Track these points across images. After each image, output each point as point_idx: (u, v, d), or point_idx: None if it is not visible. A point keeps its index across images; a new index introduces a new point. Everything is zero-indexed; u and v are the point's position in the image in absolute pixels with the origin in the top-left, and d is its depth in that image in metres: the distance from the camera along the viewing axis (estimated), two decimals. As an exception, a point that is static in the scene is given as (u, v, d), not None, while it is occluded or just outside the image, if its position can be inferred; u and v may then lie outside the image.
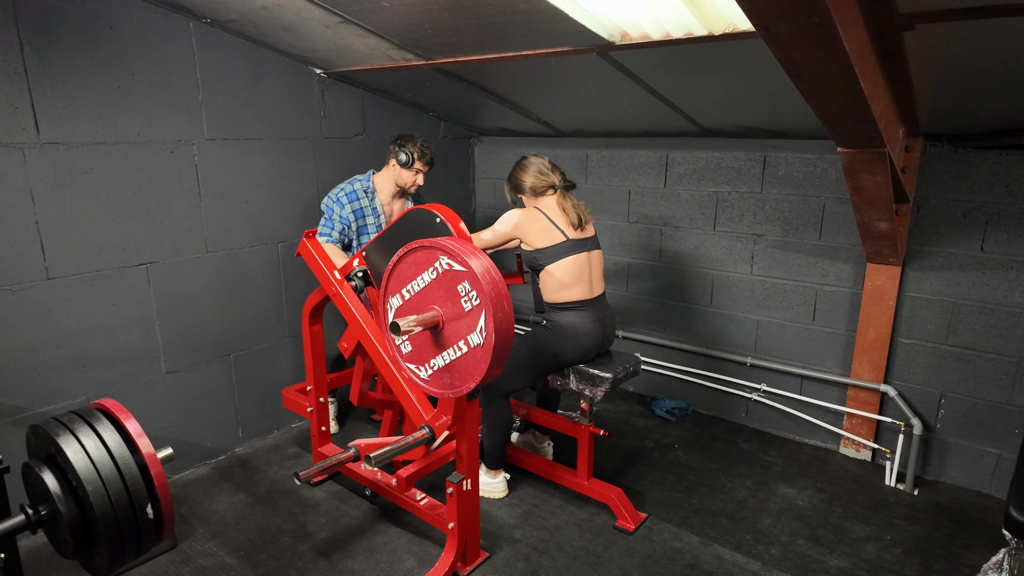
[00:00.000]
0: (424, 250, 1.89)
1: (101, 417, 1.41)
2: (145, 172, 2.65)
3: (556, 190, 2.61)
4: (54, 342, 2.49)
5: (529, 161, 2.65)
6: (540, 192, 2.62)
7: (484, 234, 2.61)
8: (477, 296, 1.79)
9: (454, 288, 1.84)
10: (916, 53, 1.78)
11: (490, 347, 1.77)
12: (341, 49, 2.81)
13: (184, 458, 2.97)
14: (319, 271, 2.52)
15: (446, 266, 1.85)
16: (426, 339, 1.95)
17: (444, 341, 1.89)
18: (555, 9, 1.97)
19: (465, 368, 1.86)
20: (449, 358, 1.90)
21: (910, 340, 2.95)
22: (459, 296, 1.83)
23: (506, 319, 1.80)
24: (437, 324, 1.88)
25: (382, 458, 1.98)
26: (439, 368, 1.93)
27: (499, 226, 2.60)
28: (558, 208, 2.59)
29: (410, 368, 2.01)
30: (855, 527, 2.61)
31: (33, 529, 1.40)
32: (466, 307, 1.82)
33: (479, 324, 1.80)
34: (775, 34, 1.32)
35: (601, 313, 2.64)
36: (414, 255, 1.92)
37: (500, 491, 2.79)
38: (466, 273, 1.80)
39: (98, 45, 2.43)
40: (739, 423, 3.54)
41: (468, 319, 1.82)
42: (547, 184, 2.61)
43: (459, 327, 1.85)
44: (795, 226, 3.17)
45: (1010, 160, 2.59)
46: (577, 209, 2.60)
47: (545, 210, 2.58)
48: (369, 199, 3.08)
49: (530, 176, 2.62)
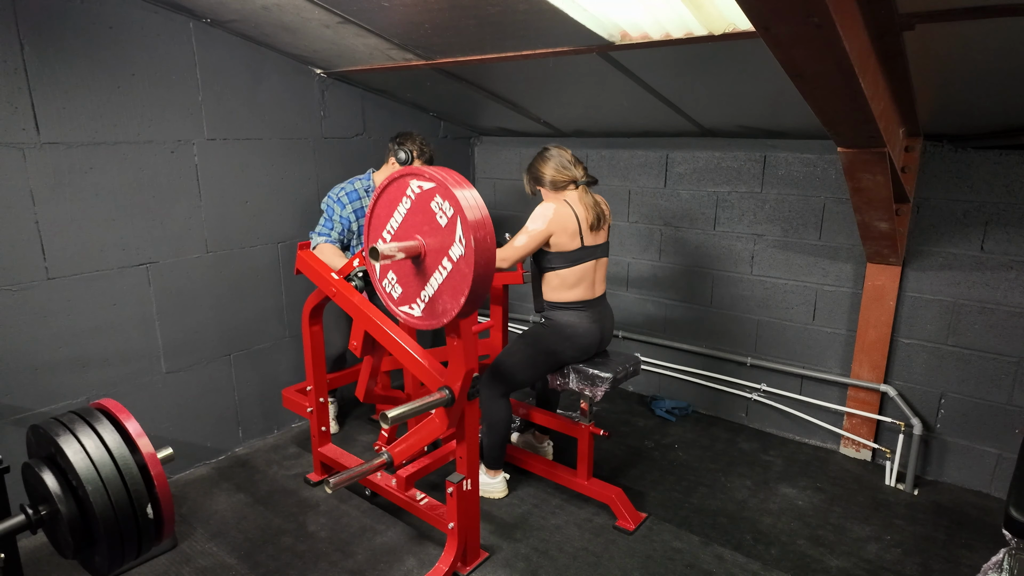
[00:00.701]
0: (394, 183, 1.89)
1: (101, 417, 1.41)
2: (145, 172, 2.65)
3: (578, 186, 2.51)
4: (54, 342, 2.49)
5: (551, 153, 2.52)
6: (561, 187, 2.50)
7: (518, 240, 2.44)
8: (450, 205, 1.76)
9: (428, 207, 1.82)
10: (916, 53, 1.78)
11: (471, 254, 1.73)
12: (341, 49, 2.81)
13: (184, 458, 2.97)
14: (318, 279, 2.53)
15: (417, 189, 1.83)
16: (412, 274, 1.93)
17: (429, 268, 1.87)
18: (555, 9, 1.97)
19: (453, 287, 1.83)
20: (437, 283, 1.86)
21: (910, 340, 2.95)
22: (434, 214, 1.81)
23: (483, 225, 1.76)
24: (420, 253, 1.86)
25: (400, 417, 1.94)
26: (430, 299, 1.90)
27: (534, 225, 2.44)
28: (581, 205, 2.48)
29: (404, 312, 1.99)
30: (855, 527, 2.61)
31: (33, 529, 1.40)
32: (442, 222, 1.80)
33: (457, 233, 1.76)
34: (775, 34, 1.32)
35: (600, 313, 2.64)
36: (387, 193, 1.92)
37: (500, 491, 2.79)
38: (436, 187, 1.79)
39: (98, 45, 2.43)
40: (739, 423, 3.54)
41: (446, 233, 1.79)
42: (568, 179, 2.50)
43: (440, 245, 1.82)
44: (795, 226, 3.17)
45: (1010, 160, 2.59)
46: (596, 208, 2.51)
47: (573, 207, 2.47)
48: (370, 198, 3.08)
49: (551, 169, 2.50)
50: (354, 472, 2.12)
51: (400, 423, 2.95)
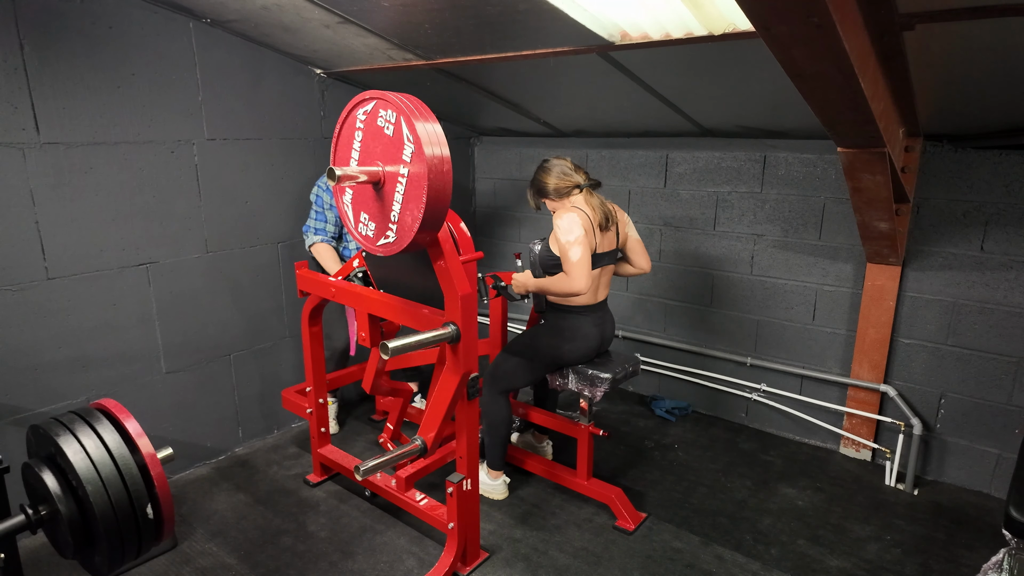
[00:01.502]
0: (345, 121, 1.91)
1: (101, 417, 1.41)
2: (145, 172, 2.65)
3: (581, 189, 2.52)
4: (54, 342, 2.49)
5: (551, 163, 2.55)
6: (565, 193, 2.52)
7: (573, 254, 2.34)
8: (392, 111, 1.75)
9: (376, 126, 1.82)
10: (916, 53, 1.78)
11: (420, 148, 1.71)
12: (341, 49, 2.81)
13: (184, 458, 2.97)
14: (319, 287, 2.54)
15: (363, 115, 1.84)
16: (377, 203, 1.91)
17: (389, 189, 1.85)
18: (555, 9, 1.97)
19: (414, 196, 1.79)
20: (400, 199, 1.84)
21: (910, 340, 2.95)
22: (381, 129, 1.80)
23: (426, 118, 1.75)
24: (379, 179, 1.85)
25: (401, 348, 1.91)
26: (398, 218, 1.87)
27: (574, 235, 2.36)
28: (588, 207, 2.49)
29: (381, 246, 1.97)
30: (855, 527, 2.61)
31: (33, 529, 1.40)
32: (390, 131, 1.79)
33: (404, 134, 1.75)
34: (775, 34, 1.32)
35: (602, 318, 2.64)
36: (342, 134, 1.93)
37: (500, 493, 2.79)
38: (379, 102, 1.79)
39: (98, 45, 2.43)
40: (739, 423, 3.54)
41: (396, 141, 1.78)
42: (571, 184, 2.51)
43: (395, 160, 1.80)
44: (795, 226, 3.17)
45: (1010, 160, 2.59)
46: (603, 207, 2.51)
47: (585, 210, 2.46)
48: None
49: (553, 178, 2.52)
50: (387, 457, 2.06)
51: (404, 409, 2.93)
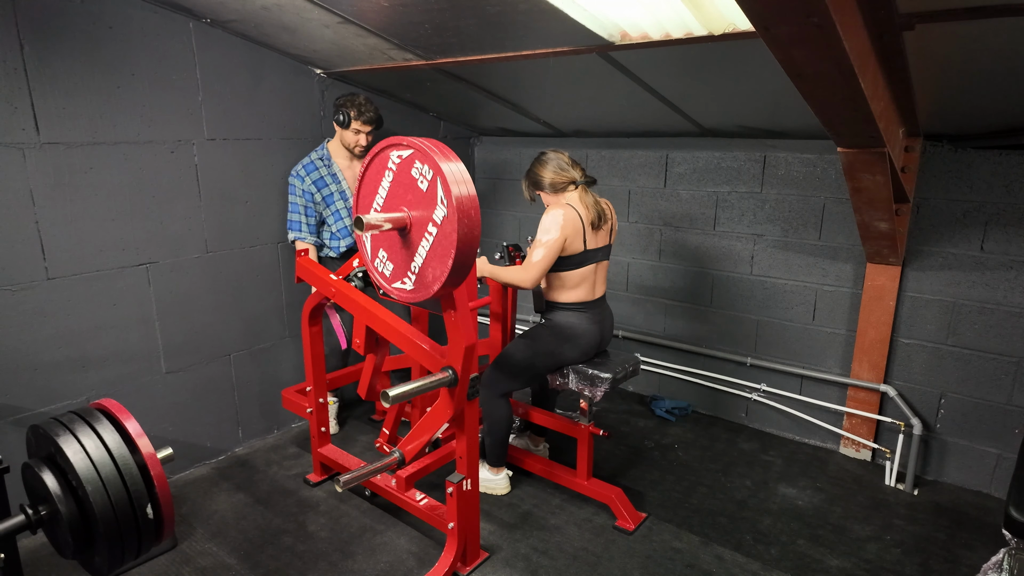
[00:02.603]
0: (376, 157, 1.89)
1: (101, 417, 1.41)
2: (145, 172, 2.65)
3: (577, 186, 2.53)
4: (54, 342, 2.49)
5: (548, 156, 2.55)
6: (560, 188, 2.52)
7: (535, 255, 2.41)
8: (429, 168, 1.75)
9: (409, 175, 1.81)
10: (916, 53, 1.78)
11: (454, 213, 1.71)
12: (341, 49, 2.81)
13: (184, 458, 2.97)
14: (318, 282, 2.54)
15: (397, 159, 1.83)
16: (400, 247, 1.92)
17: (415, 239, 1.86)
18: (555, 9, 1.97)
19: (440, 253, 1.81)
20: (424, 252, 1.85)
21: (910, 340, 2.95)
22: (415, 181, 1.80)
23: (463, 181, 1.75)
24: (405, 225, 1.84)
25: (401, 396, 1.93)
26: (419, 268, 1.89)
27: (548, 235, 2.40)
28: (581, 205, 2.50)
29: (397, 288, 1.98)
30: (855, 527, 2.61)
31: (33, 529, 1.40)
32: (424, 186, 1.78)
33: (438, 194, 1.75)
34: (775, 34, 1.32)
35: (600, 314, 2.64)
36: (370, 169, 1.92)
37: (503, 488, 2.79)
38: (415, 153, 1.78)
39: (98, 45, 2.43)
40: (739, 423, 3.54)
41: (428, 198, 1.77)
42: (567, 180, 2.51)
43: (424, 212, 1.81)
44: (795, 226, 3.17)
45: (1010, 160, 2.59)
46: (596, 206, 2.52)
47: (576, 207, 2.48)
48: (327, 166, 3.10)
49: (549, 172, 2.52)
50: (364, 471, 2.10)
51: (402, 409, 2.95)
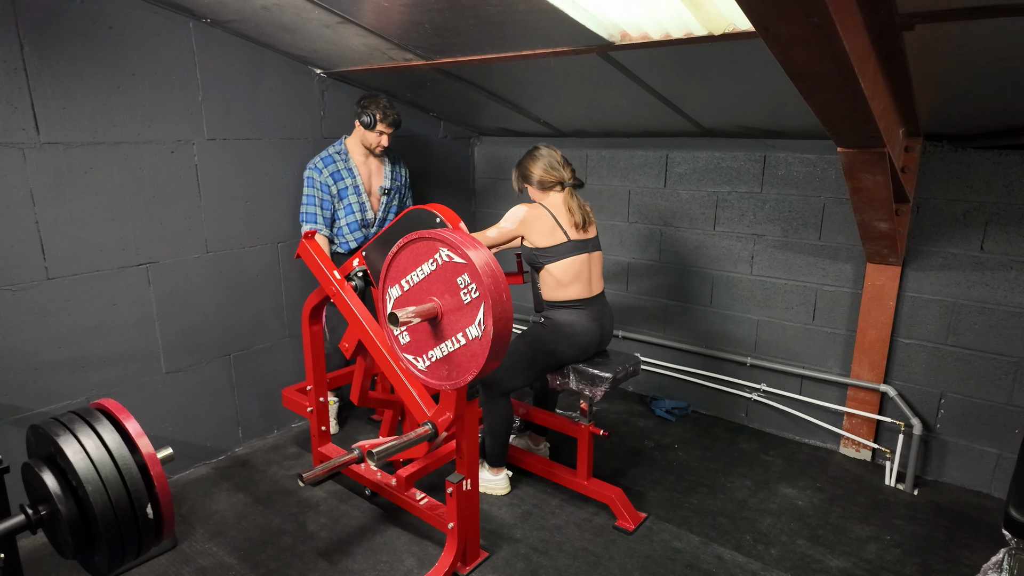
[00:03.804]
0: (424, 241, 1.89)
1: (101, 417, 1.41)
2: (145, 172, 2.65)
3: (564, 187, 2.55)
4: (54, 342, 2.49)
5: (540, 152, 2.57)
6: (548, 187, 2.56)
7: (489, 232, 2.58)
8: (476, 289, 1.78)
9: (453, 280, 1.83)
10: (916, 53, 1.78)
11: (488, 340, 1.76)
12: (341, 49, 2.81)
13: (184, 458, 2.97)
14: (319, 272, 2.52)
15: (446, 258, 1.83)
16: (424, 330, 1.94)
17: (442, 333, 1.88)
18: (555, 9, 1.97)
19: (463, 361, 1.85)
20: (447, 350, 1.88)
21: (910, 340, 2.95)
22: (458, 288, 1.82)
23: (505, 313, 1.79)
24: (436, 316, 1.87)
25: (384, 454, 1.97)
26: (437, 360, 1.92)
27: (505, 223, 2.57)
28: (564, 207, 2.54)
29: (408, 359, 2.00)
30: (855, 527, 2.61)
31: (33, 529, 1.40)
32: (465, 299, 1.81)
33: (478, 317, 1.78)
34: (775, 34, 1.32)
35: (599, 312, 2.64)
36: (414, 246, 1.91)
37: (502, 488, 2.79)
38: (466, 266, 1.79)
39: (98, 45, 2.43)
40: (739, 423, 3.54)
41: (467, 311, 1.81)
42: (556, 180, 2.55)
43: (458, 319, 1.84)
44: (795, 226, 3.17)
45: (1010, 160, 2.59)
46: (582, 210, 2.56)
47: (551, 208, 2.54)
48: (344, 161, 3.12)
49: (539, 168, 2.55)
50: (326, 467, 2.07)
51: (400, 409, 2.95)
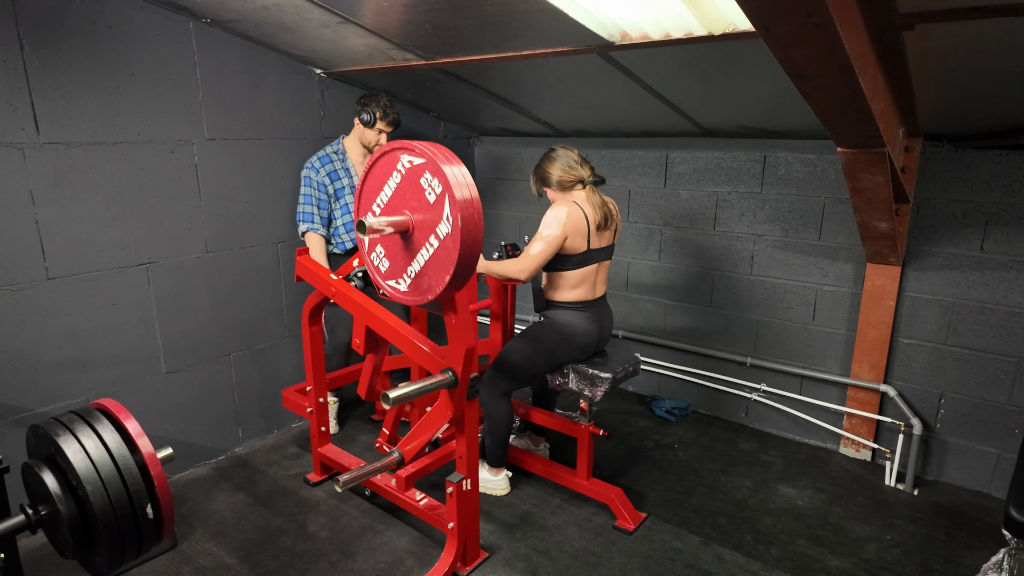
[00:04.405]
0: (385, 156, 1.90)
1: (101, 417, 1.41)
2: (145, 172, 2.65)
3: (585, 185, 2.52)
4: (54, 342, 2.49)
5: (557, 153, 2.54)
6: (568, 187, 2.51)
7: (533, 248, 2.40)
8: (439, 183, 1.76)
9: (417, 183, 1.82)
10: (916, 53, 1.78)
11: (458, 233, 1.73)
12: (341, 49, 2.81)
13: (184, 458, 2.97)
14: (319, 282, 2.54)
15: (407, 163, 1.84)
16: (399, 249, 1.93)
17: (416, 244, 1.87)
18: (555, 9, 1.97)
19: (439, 264, 1.83)
20: (423, 260, 1.86)
21: (910, 340, 2.95)
22: (423, 190, 1.81)
23: (472, 204, 1.76)
24: (407, 228, 1.85)
25: (401, 398, 1.93)
26: (416, 275, 1.91)
27: (548, 231, 2.41)
28: (589, 205, 2.49)
29: (390, 285, 2.00)
30: (855, 527, 2.61)
31: (33, 529, 1.40)
32: (431, 198, 1.80)
33: (444, 211, 1.76)
34: (775, 34, 1.32)
35: (600, 314, 2.64)
36: (377, 166, 1.92)
37: (502, 489, 2.79)
38: (426, 163, 1.79)
39: (98, 45, 2.43)
40: (739, 423, 3.54)
41: (434, 210, 1.79)
42: (576, 179, 2.50)
43: (427, 222, 1.82)
44: (795, 226, 3.17)
45: (1010, 160, 2.59)
46: (604, 208, 2.51)
47: (580, 204, 2.47)
48: (341, 160, 3.13)
49: (558, 169, 2.50)
50: (364, 471, 2.11)
51: (402, 409, 2.95)
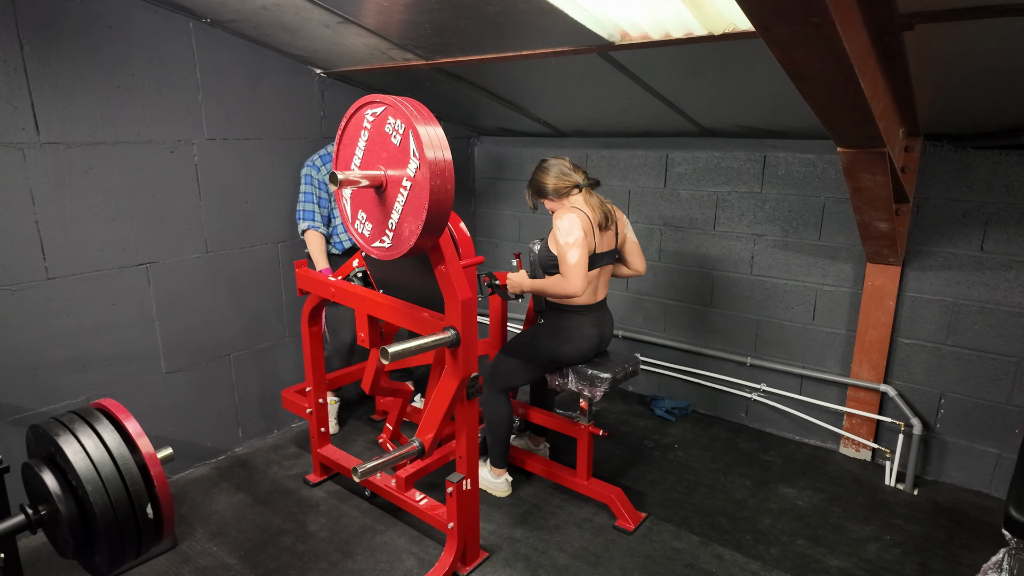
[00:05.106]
0: (352, 118, 1.90)
1: (101, 417, 1.41)
2: (145, 172, 2.65)
3: (581, 189, 2.52)
4: (54, 342, 2.49)
5: (549, 163, 2.54)
6: (564, 193, 2.51)
7: (570, 256, 2.33)
8: (401, 123, 1.76)
9: (383, 131, 1.82)
10: (916, 53, 1.78)
11: (426, 165, 1.72)
12: (341, 49, 2.81)
13: (184, 458, 2.97)
14: (319, 287, 2.55)
15: (371, 117, 1.83)
16: (377, 206, 1.92)
17: (391, 196, 1.86)
18: (555, 9, 1.97)
19: (414, 207, 1.80)
20: (400, 208, 1.85)
21: (910, 340, 2.95)
22: (388, 136, 1.80)
23: (436, 137, 1.75)
24: (381, 183, 1.85)
25: (400, 355, 1.91)
26: (395, 225, 1.89)
27: (571, 237, 2.35)
28: (588, 207, 2.49)
29: (376, 247, 1.98)
30: (855, 527, 2.61)
31: (33, 529, 1.40)
32: (396, 141, 1.79)
33: (411, 147, 1.75)
34: (775, 34, 1.32)
35: (601, 318, 2.64)
36: (347, 131, 1.92)
37: (503, 491, 2.79)
38: (388, 109, 1.79)
39: (98, 45, 2.43)
40: (739, 423, 3.54)
41: (402, 151, 1.78)
42: (571, 184, 2.50)
43: (398, 168, 1.81)
44: (795, 226, 3.17)
45: (1010, 160, 2.59)
46: (602, 207, 2.51)
47: (583, 209, 2.46)
48: None
49: (552, 178, 2.51)
50: (385, 459, 2.06)
51: (403, 409, 2.94)
